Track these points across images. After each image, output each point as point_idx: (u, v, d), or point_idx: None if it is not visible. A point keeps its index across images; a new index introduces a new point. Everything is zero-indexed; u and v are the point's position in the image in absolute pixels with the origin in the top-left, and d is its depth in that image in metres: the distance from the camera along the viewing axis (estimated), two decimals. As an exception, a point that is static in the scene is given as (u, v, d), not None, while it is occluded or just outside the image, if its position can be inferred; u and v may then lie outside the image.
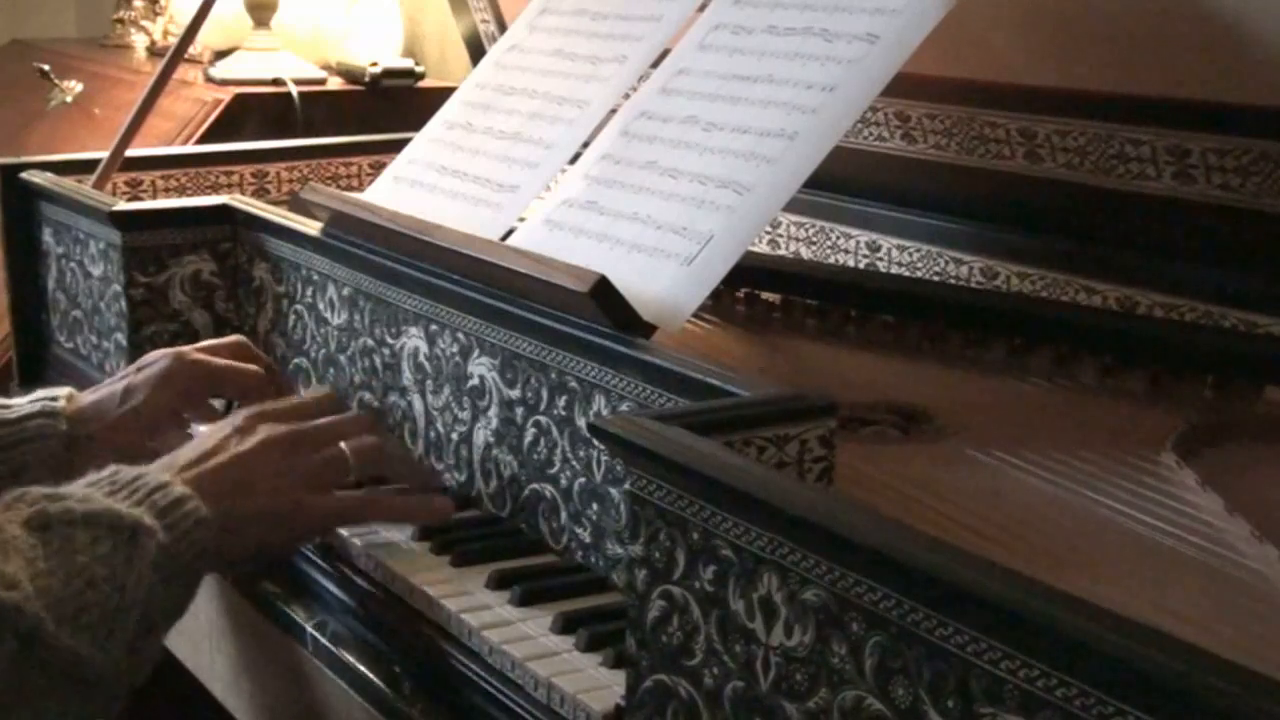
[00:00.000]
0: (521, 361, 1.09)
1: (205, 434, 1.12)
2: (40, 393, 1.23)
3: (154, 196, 1.74)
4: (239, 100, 2.31)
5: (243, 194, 1.72)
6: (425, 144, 1.46)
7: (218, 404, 1.36)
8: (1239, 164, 1.17)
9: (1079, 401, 1.18)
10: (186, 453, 1.08)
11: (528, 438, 1.09)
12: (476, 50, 1.93)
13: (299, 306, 1.41)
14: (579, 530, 1.05)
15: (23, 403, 1.21)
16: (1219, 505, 0.95)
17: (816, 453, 0.88)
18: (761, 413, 0.87)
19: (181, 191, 1.76)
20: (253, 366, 1.30)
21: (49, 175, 1.64)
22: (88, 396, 1.24)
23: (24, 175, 1.66)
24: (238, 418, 1.13)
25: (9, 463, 1.18)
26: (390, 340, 1.26)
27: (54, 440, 1.19)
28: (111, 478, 1.01)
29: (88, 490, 0.99)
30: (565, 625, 0.95)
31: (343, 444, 1.13)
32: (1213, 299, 1.21)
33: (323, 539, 1.14)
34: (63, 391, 1.23)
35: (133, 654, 0.95)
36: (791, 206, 1.44)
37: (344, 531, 1.13)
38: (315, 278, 1.37)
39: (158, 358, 1.26)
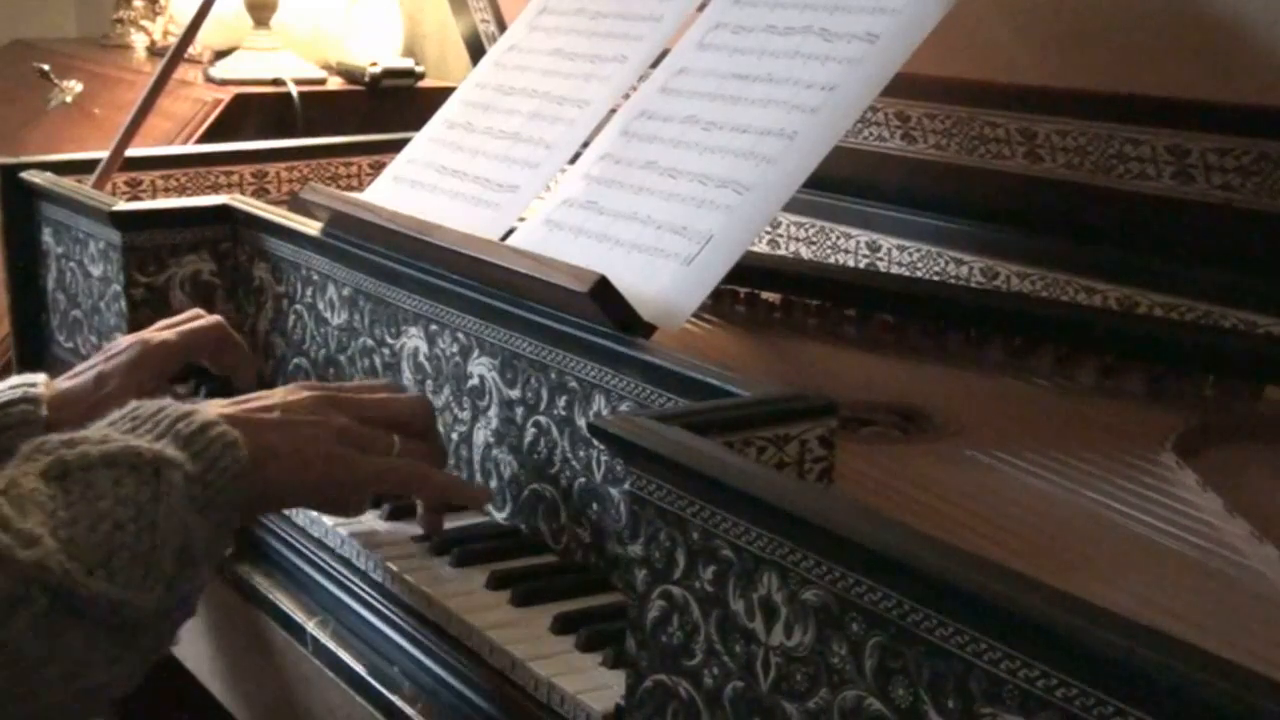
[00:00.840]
0: (521, 361, 1.09)
1: (251, 394, 1.10)
2: (16, 379, 1.23)
3: (154, 196, 1.74)
4: (239, 100, 2.31)
5: (243, 194, 1.72)
6: (425, 144, 1.46)
7: (180, 390, 1.38)
8: (1239, 164, 1.17)
9: (1079, 401, 1.18)
10: (227, 400, 1.07)
11: (528, 438, 1.09)
12: (476, 50, 1.93)
13: (299, 306, 1.41)
14: (579, 530, 1.05)
15: (1, 389, 1.21)
16: (1219, 505, 0.95)
17: (816, 453, 0.88)
18: (761, 413, 0.87)
19: (181, 191, 1.76)
20: (209, 320, 1.32)
21: (49, 175, 1.64)
22: (62, 383, 1.25)
23: (24, 175, 1.66)
24: (289, 385, 1.11)
25: None
26: (390, 340, 1.26)
27: (36, 426, 1.19)
28: (133, 413, 0.99)
29: (106, 430, 0.97)
30: (565, 625, 0.95)
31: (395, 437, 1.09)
32: (1213, 299, 1.21)
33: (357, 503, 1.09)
34: (39, 378, 1.23)
35: (174, 590, 0.93)
36: (791, 206, 1.44)
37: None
38: (315, 278, 1.37)
39: (126, 344, 1.28)
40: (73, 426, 1.20)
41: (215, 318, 1.33)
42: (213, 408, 1.02)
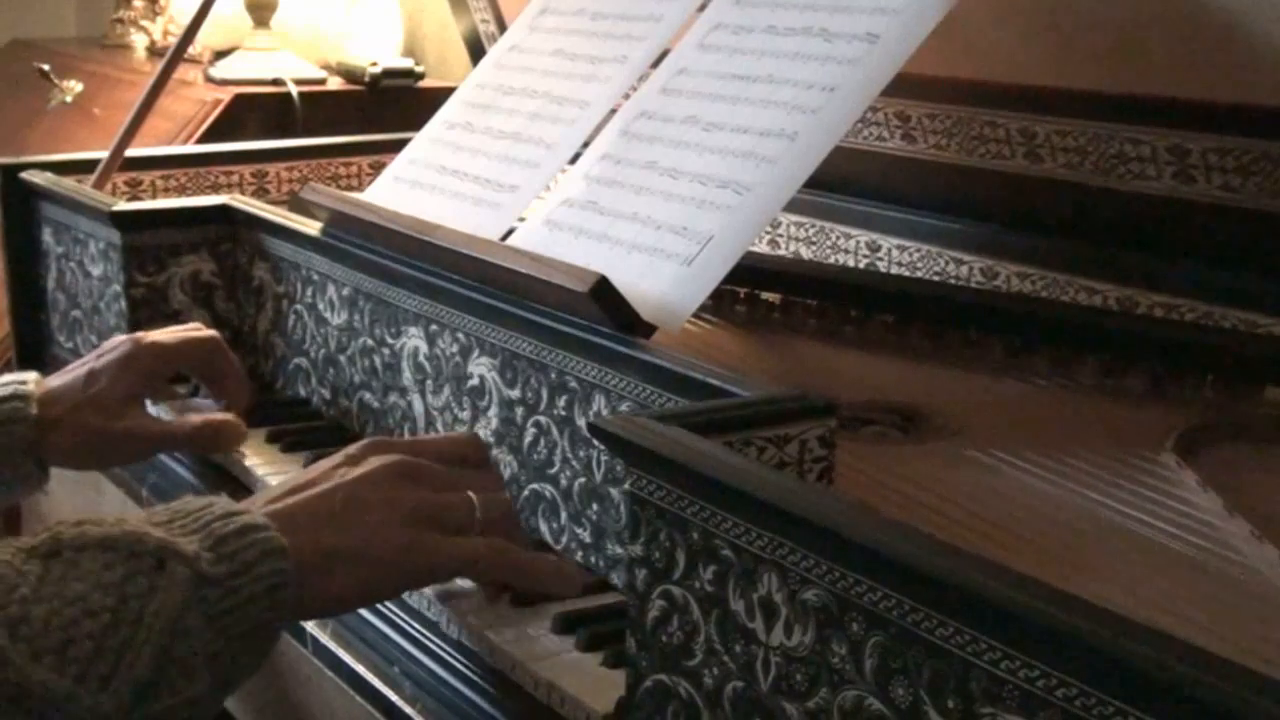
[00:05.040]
0: (521, 361, 1.09)
1: (313, 465, 1.01)
2: (8, 377, 1.23)
3: (154, 196, 1.74)
4: (239, 100, 2.31)
5: (243, 194, 1.72)
6: (425, 144, 1.46)
7: (181, 390, 1.39)
8: (1239, 164, 1.17)
9: (1079, 401, 1.18)
10: (284, 482, 0.97)
11: (528, 438, 1.09)
12: (476, 50, 1.93)
13: (299, 306, 1.41)
14: (579, 530, 1.05)
15: None
16: (1219, 505, 0.95)
17: (816, 453, 0.88)
18: (761, 413, 0.87)
19: (181, 191, 1.76)
20: (207, 333, 1.32)
21: (49, 175, 1.64)
22: (53, 380, 1.25)
23: (24, 175, 1.66)
24: (352, 447, 1.01)
25: None
26: (390, 340, 1.26)
27: (26, 424, 1.20)
28: (179, 506, 0.90)
29: (128, 516, 0.88)
30: (565, 625, 0.95)
31: (470, 493, 0.99)
32: (1213, 299, 1.21)
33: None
34: (30, 376, 1.24)
35: (149, 700, 0.81)
36: (791, 206, 1.44)
37: None
38: (315, 278, 1.37)
39: (119, 343, 1.28)
40: (62, 423, 1.21)
41: (212, 332, 1.33)
42: (266, 503, 0.93)
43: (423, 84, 2.42)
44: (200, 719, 0.85)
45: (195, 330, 1.34)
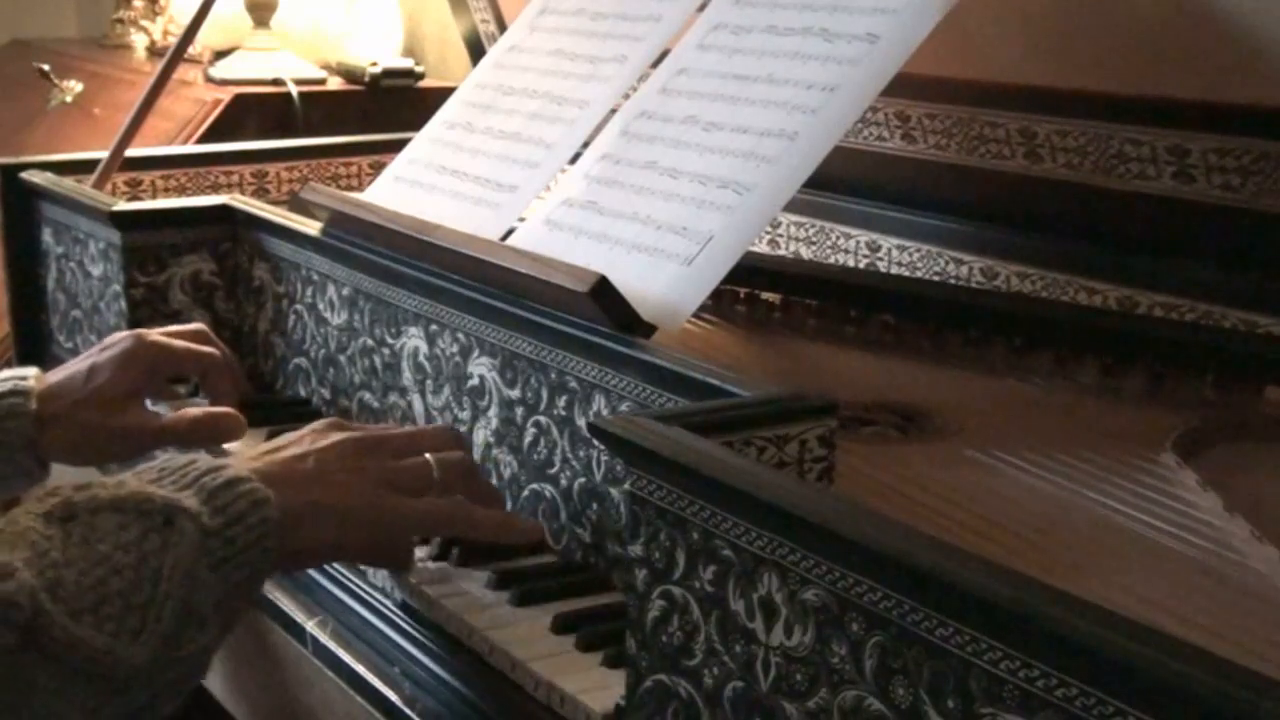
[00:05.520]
0: (521, 361, 1.09)
1: (280, 438, 1.06)
2: (8, 373, 1.23)
3: (154, 196, 1.74)
4: (239, 100, 2.31)
5: (243, 194, 1.72)
6: (425, 144, 1.46)
7: (181, 390, 1.39)
8: (1239, 164, 1.17)
9: (1079, 401, 1.18)
10: (256, 449, 1.04)
11: (528, 438, 1.09)
12: (476, 50, 1.93)
13: (299, 306, 1.41)
14: (579, 530, 1.05)
15: None
16: (1219, 505, 0.95)
17: (816, 453, 0.88)
18: (761, 413, 0.87)
19: (181, 191, 1.76)
20: (210, 348, 1.32)
21: (49, 175, 1.64)
22: (53, 376, 1.25)
23: (24, 175, 1.66)
24: (316, 423, 1.07)
25: None
26: (390, 340, 1.26)
27: (25, 419, 1.20)
28: (162, 464, 0.95)
29: (124, 477, 0.93)
30: (565, 625, 0.95)
31: (428, 455, 1.06)
32: (1213, 299, 1.21)
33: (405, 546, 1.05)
34: (30, 371, 1.24)
35: (173, 648, 0.87)
36: (791, 206, 1.44)
37: None
38: (315, 278, 1.37)
39: (120, 339, 1.28)
40: (61, 419, 1.21)
41: (216, 354, 1.32)
42: (244, 461, 0.99)
43: (423, 84, 2.42)
44: (203, 667, 0.92)
45: (202, 335, 1.33)
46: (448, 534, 1.06)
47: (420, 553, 1.07)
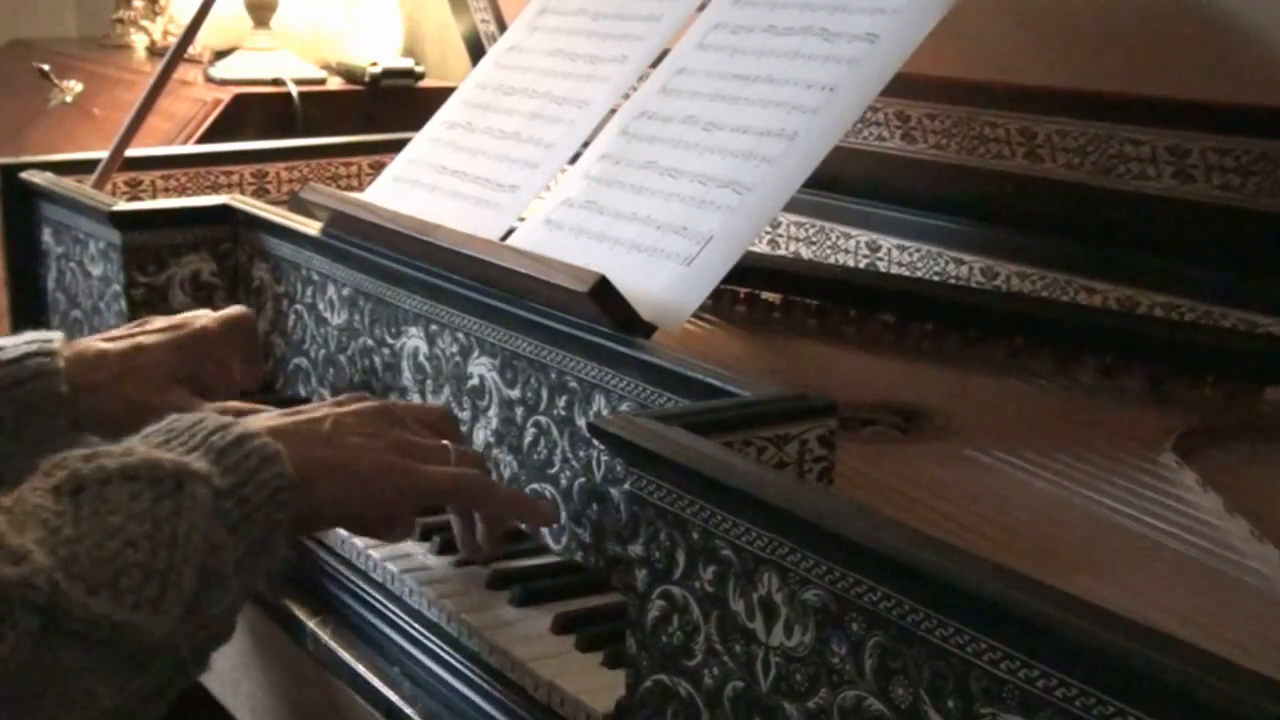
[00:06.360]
0: (521, 361, 1.09)
1: (301, 406, 1.06)
2: (31, 334, 1.21)
3: (154, 196, 1.74)
4: (239, 100, 2.31)
5: (243, 194, 1.72)
6: (425, 144, 1.46)
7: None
8: (1239, 164, 1.17)
9: (1079, 401, 1.18)
10: (277, 411, 1.03)
11: (528, 438, 1.09)
12: (476, 50, 1.93)
13: (299, 306, 1.41)
14: (579, 530, 1.05)
15: (16, 343, 1.20)
16: (1219, 505, 0.95)
17: (816, 453, 0.88)
18: (761, 413, 0.87)
19: (181, 191, 1.76)
20: (240, 308, 1.31)
21: (49, 175, 1.64)
22: (91, 343, 1.23)
23: (24, 175, 1.66)
24: (340, 396, 1.07)
25: (12, 404, 1.16)
26: (390, 340, 1.26)
27: (55, 378, 1.17)
28: (169, 426, 0.94)
29: (132, 444, 0.91)
30: (565, 625, 0.95)
31: (446, 442, 1.05)
32: (1213, 299, 1.21)
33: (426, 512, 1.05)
34: (55, 334, 1.22)
35: (196, 613, 0.86)
36: (791, 206, 1.44)
37: None
38: (315, 278, 1.37)
39: (165, 323, 1.26)
40: (100, 389, 1.18)
41: (243, 310, 1.31)
42: (258, 420, 0.98)
43: (423, 84, 2.42)
44: (229, 628, 0.90)
45: (242, 314, 1.31)
46: (466, 502, 1.03)
47: (420, 553, 1.07)
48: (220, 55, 2.54)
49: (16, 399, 1.16)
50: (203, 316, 1.29)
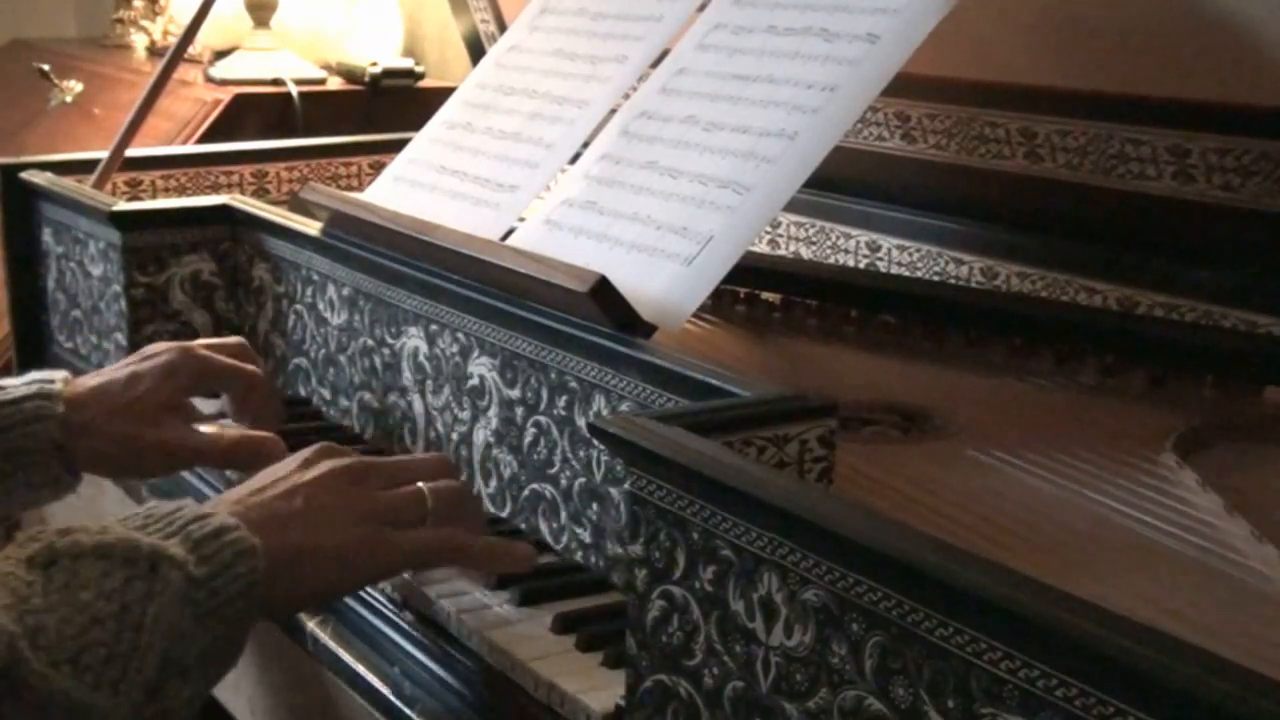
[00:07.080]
0: (521, 361, 1.09)
1: (268, 469, 1.04)
2: (35, 375, 1.20)
3: (154, 196, 1.74)
4: (239, 100, 2.31)
5: (243, 194, 1.72)
6: (425, 144, 1.46)
7: (208, 408, 1.32)
8: (1239, 164, 1.17)
9: (1079, 401, 1.18)
10: (244, 486, 1.01)
11: (528, 438, 1.09)
12: (476, 50, 1.93)
13: (299, 306, 1.41)
14: (579, 530, 1.05)
15: (17, 384, 1.18)
16: (1219, 505, 0.95)
17: (816, 453, 0.88)
18: (761, 413, 0.87)
19: (181, 191, 1.76)
20: (251, 366, 1.28)
21: (49, 175, 1.64)
22: (89, 381, 1.21)
23: (24, 175, 1.66)
24: (305, 451, 1.05)
25: (6, 444, 1.15)
26: (390, 340, 1.26)
27: (51, 422, 1.16)
28: (147, 511, 0.93)
29: (109, 524, 0.90)
30: (565, 625, 0.95)
31: (420, 484, 1.04)
32: (1213, 299, 1.21)
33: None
34: (58, 374, 1.20)
35: (154, 700, 0.85)
36: (791, 206, 1.44)
37: None
38: (315, 278, 1.37)
39: (162, 349, 1.24)
40: (94, 428, 1.16)
41: (259, 372, 1.27)
42: (229, 504, 0.97)
43: (423, 84, 2.42)
44: (190, 716, 0.89)
45: (240, 349, 1.28)
46: (444, 564, 1.04)
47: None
48: (220, 55, 2.54)
49: (11, 441, 1.15)
50: (205, 349, 1.26)
